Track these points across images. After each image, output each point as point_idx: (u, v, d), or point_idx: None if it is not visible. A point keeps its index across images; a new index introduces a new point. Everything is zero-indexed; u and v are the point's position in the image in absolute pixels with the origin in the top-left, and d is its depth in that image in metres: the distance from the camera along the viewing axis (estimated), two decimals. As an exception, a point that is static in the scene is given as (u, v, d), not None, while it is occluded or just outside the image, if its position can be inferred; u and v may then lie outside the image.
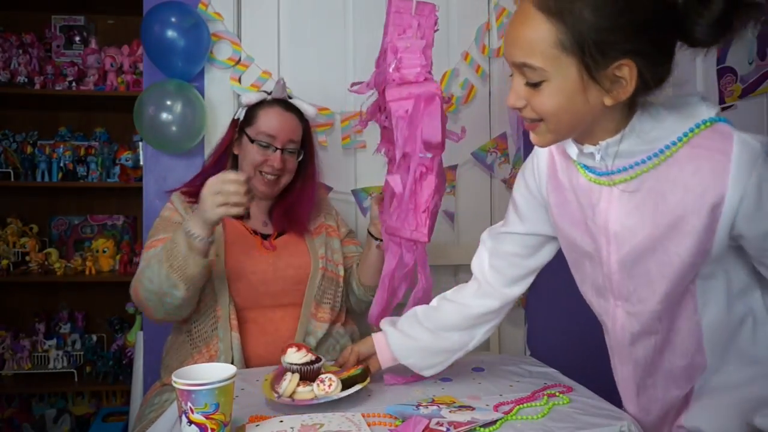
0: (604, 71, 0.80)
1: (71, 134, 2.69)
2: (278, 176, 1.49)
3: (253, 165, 1.47)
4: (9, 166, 2.54)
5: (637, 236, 0.90)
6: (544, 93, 0.83)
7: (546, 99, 0.84)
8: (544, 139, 0.90)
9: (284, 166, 1.49)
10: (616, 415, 0.99)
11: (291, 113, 1.52)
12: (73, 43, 2.64)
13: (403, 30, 1.18)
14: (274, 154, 1.47)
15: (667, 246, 0.87)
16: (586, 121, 0.86)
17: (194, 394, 0.85)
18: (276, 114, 1.50)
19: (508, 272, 1.14)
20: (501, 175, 2.04)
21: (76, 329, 2.63)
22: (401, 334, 1.16)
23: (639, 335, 0.97)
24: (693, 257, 0.86)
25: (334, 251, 1.57)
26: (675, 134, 0.85)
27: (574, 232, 1.01)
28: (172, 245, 1.28)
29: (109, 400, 2.59)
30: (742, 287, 0.92)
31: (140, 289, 1.32)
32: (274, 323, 1.44)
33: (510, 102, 0.88)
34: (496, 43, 2.03)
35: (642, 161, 0.87)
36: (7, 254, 2.49)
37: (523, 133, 2.05)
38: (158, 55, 1.77)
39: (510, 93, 0.88)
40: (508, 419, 0.97)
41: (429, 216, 1.23)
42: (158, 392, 1.40)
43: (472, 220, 2.07)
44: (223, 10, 1.87)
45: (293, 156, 1.51)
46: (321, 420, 0.94)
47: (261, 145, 1.47)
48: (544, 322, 2.09)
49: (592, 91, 0.82)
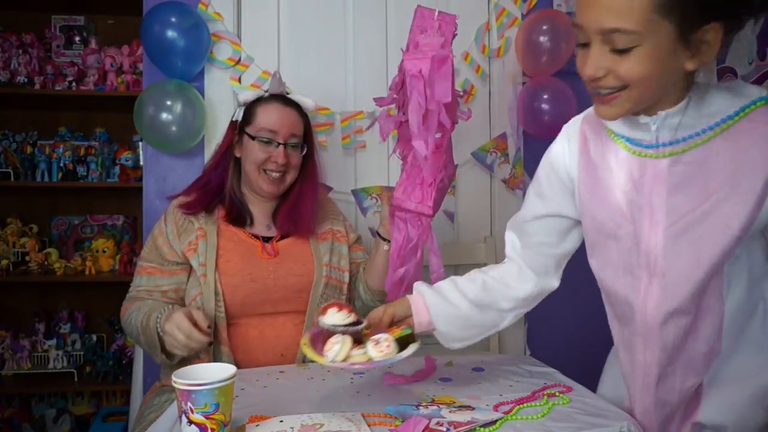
0: (694, 34, 0.82)
1: (71, 134, 2.69)
2: (283, 173, 1.47)
3: (257, 164, 1.45)
4: (9, 166, 2.53)
5: (686, 208, 0.90)
6: (633, 58, 0.82)
7: (635, 64, 0.83)
8: (620, 110, 0.89)
9: (288, 161, 1.46)
10: (616, 415, 0.99)
11: (290, 108, 1.50)
12: (73, 43, 2.64)
13: (425, 29, 1.21)
14: (276, 149, 1.45)
15: (718, 217, 0.88)
16: (667, 87, 0.87)
17: (194, 394, 0.85)
18: (275, 109, 1.48)
19: (539, 262, 1.14)
20: (501, 175, 2.05)
21: (76, 329, 2.62)
22: (441, 299, 1.10)
23: (673, 314, 0.95)
24: (741, 230, 0.87)
25: (341, 257, 1.54)
26: (732, 109, 0.87)
27: (603, 212, 1.00)
28: (147, 328, 1.30)
29: (109, 400, 2.59)
30: (761, 273, 0.94)
31: (125, 327, 1.40)
32: (275, 329, 1.42)
33: (588, 72, 0.86)
34: (496, 43, 2.04)
35: (696, 134, 0.89)
36: (7, 254, 2.49)
37: (523, 132, 2.05)
38: (158, 55, 1.77)
39: (587, 63, 0.86)
40: (508, 419, 0.97)
41: (435, 190, 1.22)
42: (157, 393, 1.40)
43: (472, 220, 2.07)
44: (223, 10, 1.87)
45: (296, 151, 1.49)
46: (321, 420, 0.94)
47: (263, 142, 1.45)
48: (544, 322, 2.08)
49: (679, 55, 0.83)
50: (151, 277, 1.42)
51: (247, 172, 1.48)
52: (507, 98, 2.04)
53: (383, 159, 2.01)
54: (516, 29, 2.01)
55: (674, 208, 0.91)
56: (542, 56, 1.93)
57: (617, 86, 0.86)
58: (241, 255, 1.43)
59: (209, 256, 1.39)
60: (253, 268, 1.42)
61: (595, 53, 0.85)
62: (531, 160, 2.07)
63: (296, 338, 1.40)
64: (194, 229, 1.42)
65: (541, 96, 1.94)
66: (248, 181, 1.49)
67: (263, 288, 1.41)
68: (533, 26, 1.94)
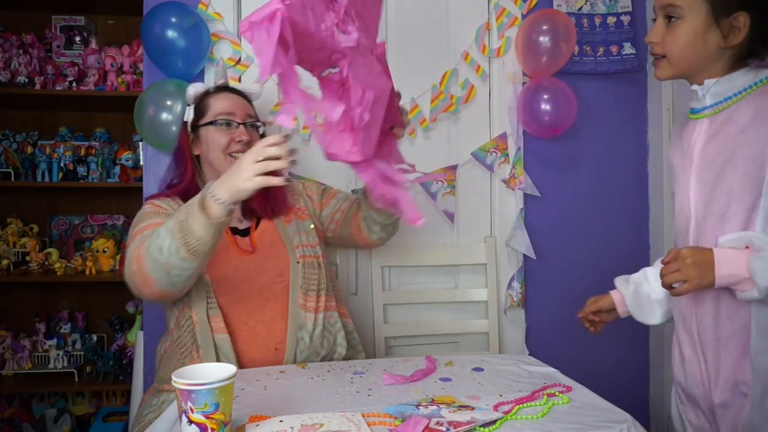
0: (725, 18, 1.09)
1: (71, 134, 2.69)
2: None
3: (221, 149, 1.46)
4: (9, 166, 2.53)
5: (713, 154, 1.13)
6: (676, 31, 1.12)
7: (676, 36, 1.12)
8: (663, 73, 1.18)
9: (251, 138, 1.47)
10: (616, 416, 0.99)
11: (238, 95, 1.55)
12: (74, 43, 2.63)
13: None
14: (237, 129, 1.47)
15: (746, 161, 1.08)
16: (703, 60, 1.13)
17: (194, 393, 0.85)
18: (226, 96, 1.53)
19: None
20: (501, 175, 2.05)
21: (76, 329, 2.62)
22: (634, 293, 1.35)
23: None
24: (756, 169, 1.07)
25: (308, 234, 1.54)
26: (753, 81, 1.12)
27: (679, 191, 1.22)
28: (186, 215, 1.19)
29: (110, 400, 2.59)
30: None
31: (146, 260, 1.22)
32: (266, 324, 1.40)
33: (649, 37, 1.17)
34: (496, 43, 2.04)
35: (726, 99, 1.13)
36: (7, 254, 2.49)
37: (523, 132, 2.05)
38: (158, 55, 1.77)
39: (651, 31, 1.17)
40: (508, 419, 0.97)
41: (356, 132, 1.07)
42: (155, 393, 1.39)
43: (472, 220, 2.07)
44: (223, 10, 1.87)
45: (255, 131, 1.52)
46: (321, 420, 0.94)
47: (223, 125, 1.47)
48: (543, 322, 2.09)
49: (713, 34, 1.10)
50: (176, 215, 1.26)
51: (213, 162, 1.47)
52: (507, 98, 2.04)
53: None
54: (516, 29, 2.02)
55: (705, 156, 1.15)
56: (542, 56, 1.93)
57: (660, 54, 1.16)
58: (221, 248, 1.38)
59: None
60: (234, 258, 1.43)
61: (657, 24, 1.16)
62: (531, 160, 2.07)
63: (286, 331, 1.40)
64: None
65: (541, 96, 1.94)
66: (214, 172, 1.46)
67: (246, 277, 1.42)
68: (533, 26, 1.94)
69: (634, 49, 2.10)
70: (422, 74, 2.01)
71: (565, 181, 2.11)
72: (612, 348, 2.10)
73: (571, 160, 2.12)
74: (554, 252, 2.09)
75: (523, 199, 2.05)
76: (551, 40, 1.91)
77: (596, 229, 2.12)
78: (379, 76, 1.17)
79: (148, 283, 1.25)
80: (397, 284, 2.05)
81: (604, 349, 2.09)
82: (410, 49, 2.02)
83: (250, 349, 1.38)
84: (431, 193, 2.01)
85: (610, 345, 2.09)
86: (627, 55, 2.10)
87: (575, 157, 2.12)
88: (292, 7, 0.89)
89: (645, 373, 2.18)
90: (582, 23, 2.07)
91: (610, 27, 2.10)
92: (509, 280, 2.04)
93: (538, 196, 2.06)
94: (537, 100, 1.94)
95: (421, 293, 2.04)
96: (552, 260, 2.08)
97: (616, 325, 1.44)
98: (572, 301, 2.16)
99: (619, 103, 2.15)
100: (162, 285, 1.25)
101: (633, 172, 2.17)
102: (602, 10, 2.09)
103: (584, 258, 2.10)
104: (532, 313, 2.09)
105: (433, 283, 2.07)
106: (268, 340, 1.39)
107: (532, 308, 2.09)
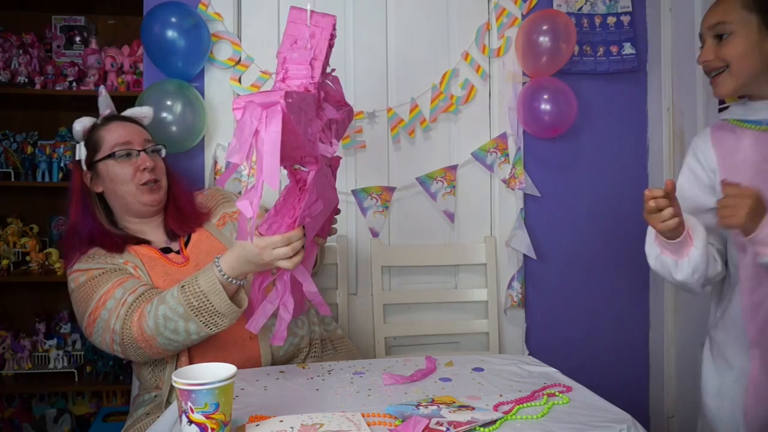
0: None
1: (71, 134, 2.69)
2: (156, 180, 1.43)
3: (129, 180, 1.39)
4: (9, 166, 2.53)
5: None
6: (730, 43, 1.20)
7: (731, 48, 1.20)
8: (725, 88, 1.23)
9: (155, 164, 1.43)
10: (616, 416, 0.99)
11: (129, 122, 1.49)
12: (74, 44, 2.63)
13: (295, 41, 1.13)
14: (139, 157, 1.41)
15: None
16: (761, 71, 1.20)
17: (194, 393, 0.85)
18: (118, 125, 1.46)
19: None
20: (501, 175, 2.05)
21: (76, 329, 2.62)
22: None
23: None
24: None
25: None
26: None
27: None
28: (197, 298, 1.19)
29: (110, 400, 2.59)
30: None
31: (159, 339, 1.23)
32: (230, 332, 1.29)
33: (702, 58, 1.24)
34: (496, 43, 2.04)
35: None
36: (7, 254, 2.49)
37: (523, 132, 2.05)
38: (158, 56, 1.77)
39: (702, 53, 1.25)
40: (508, 419, 0.97)
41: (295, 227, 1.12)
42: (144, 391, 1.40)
43: (472, 220, 2.07)
44: (223, 10, 1.87)
45: (157, 155, 1.47)
46: (321, 420, 0.94)
47: (123, 155, 1.40)
48: (543, 322, 2.09)
49: (766, 44, 1.18)
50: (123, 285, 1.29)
51: (124, 195, 1.41)
52: (507, 98, 2.04)
53: (383, 159, 2.01)
54: (516, 29, 2.02)
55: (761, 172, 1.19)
56: (542, 56, 1.93)
57: (720, 67, 1.22)
58: (162, 268, 1.38)
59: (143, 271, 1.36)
60: (177, 275, 1.35)
61: (706, 45, 1.24)
62: (531, 160, 2.07)
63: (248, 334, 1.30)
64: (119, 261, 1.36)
65: (541, 96, 1.94)
66: (126, 205, 1.43)
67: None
68: (533, 26, 1.94)
69: (634, 49, 2.10)
70: (422, 74, 2.01)
71: (565, 181, 2.11)
72: (612, 348, 2.10)
73: (571, 160, 2.12)
74: (554, 252, 2.09)
75: (523, 199, 2.05)
76: (551, 40, 1.91)
77: (596, 229, 2.12)
78: (332, 190, 1.30)
79: (158, 353, 1.29)
80: (397, 284, 2.05)
81: (604, 349, 2.09)
82: (410, 49, 2.02)
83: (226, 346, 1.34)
84: (431, 193, 2.01)
85: (610, 345, 2.09)
86: (627, 55, 2.10)
87: (575, 157, 2.12)
88: (291, 106, 0.97)
89: (645, 373, 2.18)
90: (582, 23, 2.07)
91: (610, 27, 2.10)
92: (509, 280, 2.04)
93: (538, 196, 2.07)
94: (537, 100, 1.94)
95: (421, 293, 2.04)
96: (552, 260, 2.08)
97: (616, 325, 1.44)
98: (572, 301, 2.17)
99: (619, 103, 2.15)
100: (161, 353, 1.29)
101: (633, 172, 2.17)
102: (602, 10, 2.09)
103: (584, 258, 2.10)
104: (532, 313, 2.09)
105: (433, 284, 2.07)
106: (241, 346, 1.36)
107: (532, 308, 2.09)
